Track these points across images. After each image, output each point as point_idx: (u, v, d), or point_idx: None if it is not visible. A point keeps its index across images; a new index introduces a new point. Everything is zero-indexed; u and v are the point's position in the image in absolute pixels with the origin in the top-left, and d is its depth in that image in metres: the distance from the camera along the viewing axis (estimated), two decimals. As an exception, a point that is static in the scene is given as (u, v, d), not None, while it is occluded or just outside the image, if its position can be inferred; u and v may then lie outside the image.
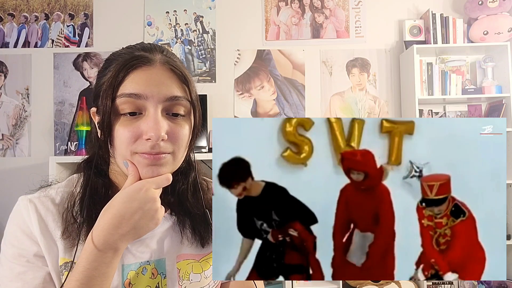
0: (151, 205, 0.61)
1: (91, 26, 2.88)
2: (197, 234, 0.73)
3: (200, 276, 0.74)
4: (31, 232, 0.65)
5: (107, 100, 0.63)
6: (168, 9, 2.89)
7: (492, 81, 2.71)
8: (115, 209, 0.60)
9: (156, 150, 0.62)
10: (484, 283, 2.61)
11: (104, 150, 0.67)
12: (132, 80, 0.63)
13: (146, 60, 0.64)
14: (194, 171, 0.76)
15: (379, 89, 2.88)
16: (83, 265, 0.59)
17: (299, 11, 2.92)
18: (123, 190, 0.62)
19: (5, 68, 2.83)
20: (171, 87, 0.64)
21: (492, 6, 2.63)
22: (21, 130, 2.81)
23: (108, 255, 0.60)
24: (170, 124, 0.64)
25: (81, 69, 2.84)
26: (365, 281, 2.44)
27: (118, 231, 0.60)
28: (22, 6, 2.87)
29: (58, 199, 0.69)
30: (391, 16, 2.90)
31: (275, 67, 2.88)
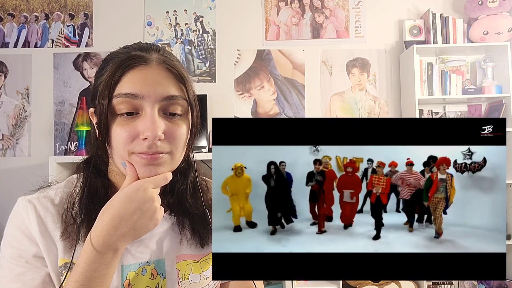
0: (150, 205, 0.61)
1: (91, 26, 2.87)
2: (197, 234, 0.73)
3: (199, 277, 0.73)
4: (30, 233, 0.65)
5: (104, 100, 0.62)
6: (168, 9, 2.89)
7: (492, 81, 2.71)
8: (114, 210, 0.60)
9: (154, 150, 0.62)
10: (484, 283, 2.61)
11: (102, 150, 0.67)
12: (128, 80, 0.62)
13: (142, 59, 0.64)
14: (193, 171, 0.76)
15: (379, 89, 2.88)
16: (82, 266, 0.59)
17: (299, 11, 2.92)
18: (121, 191, 0.61)
19: (5, 68, 2.83)
20: (167, 86, 0.64)
21: (492, 6, 2.63)
22: (21, 130, 2.81)
23: (108, 256, 0.60)
24: (167, 123, 0.63)
25: (81, 69, 2.84)
26: (365, 281, 2.44)
27: (117, 232, 0.59)
28: (22, 6, 2.87)
29: (57, 199, 0.69)
30: (391, 16, 2.90)
31: (275, 67, 2.88)
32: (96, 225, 0.61)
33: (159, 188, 0.64)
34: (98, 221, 0.61)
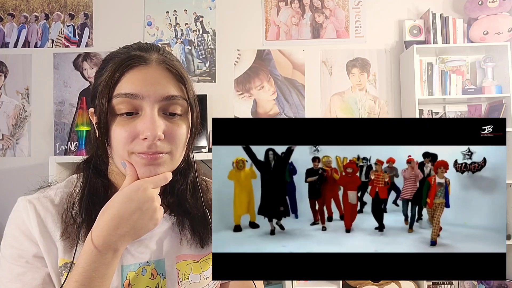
0: (150, 205, 0.61)
1: (91, 26, 2.87)
2: (196, 234, 0.73)
3: (199, 277, 0.73)
4: (30, 233, 0.65)
5: (104, 100, 0.62)
6: (168, 9, 2.89)
7: (492, 81, 2.71)
8: (114, 210, 0.60)
9: (153, 150, 0.62)
10: (484, 283, 2.61)
11: (102, 150, 0.67)
12: (128, 80, 0.62)
13: (142, 59, 0.64)
14: (193, 171, 0.76)
15: (379, 89, 2.88)
16: (82, 266, 0.59)
17: (299, 11, 2.92)
18: (121, 191, 0.61)
19: (5, 68, 2.83)
20: (167, 86, 0.64)
21: (492, 6, 2.63)
22: (21, 130, 2.81)
23: (108, 256, 0.60)
24: (167, 123, 0.63)
25: (81, 69, 2.84)
26: (365, 281, 2.44)
27: (117, 232, 0.59)
28: (22, 6, 2.87)
29: (57, 199, 0.69)
30: (391, 16, 2.90)
31: (275, 67, 2.88)
32: (96, 225, 0.61)
33: (159, 188, 0.64)
34: (98, 221, 0.61)
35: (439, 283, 2.63)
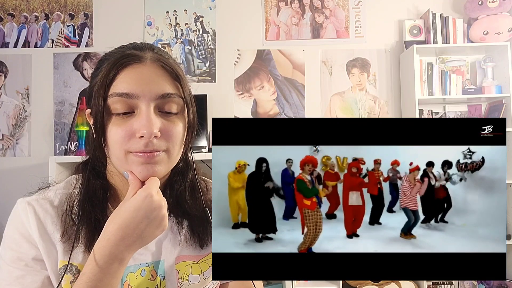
0: (157, 213, 0.61)
1: (91, 26, 2.87)
2: (196, 235, 0.73)
3: (199, 277, 0.73)
4: (30, 236, 0.65)
5: (99, 100, 0.62)
6: (168, 9, 2.89)
7: (492, 81, 2.70)
8: (121, 220, 0.60)
9: (150, 148, 0.62)
10: (484, 283, 2.61)
11: (99, 150, 0.66)
12: (122, 79, 0.62)
13: (136, 58, 0.64)
14: (192, 171, 0.76)
15: (379, 89, 2.88)
16: (87, 276, 0.59)
17: (299, 11, 2.92)
18: (127, 201, 0.61)
19: (5, 68, 2.83)
20: (162, 84, 0.64)
21: (492, 6, 2.63)
22: (21, 130, 2.81)
23: (113, 266, 0.59)
24: (163, 121, 0.63)
25: (81, 69, 2.84)
26: (365, 281, 2.44)
27: (124, 242, 0.59)
28: (22, 6, 2.87)
29: (56, 201, 0.68)
30: (391, 16, 2.90)
31: (275, 67, 2.88)
32: (102, 235, 0.60)
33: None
34: (104, 232, 0.61)
35: (439, 283, 2.63)
